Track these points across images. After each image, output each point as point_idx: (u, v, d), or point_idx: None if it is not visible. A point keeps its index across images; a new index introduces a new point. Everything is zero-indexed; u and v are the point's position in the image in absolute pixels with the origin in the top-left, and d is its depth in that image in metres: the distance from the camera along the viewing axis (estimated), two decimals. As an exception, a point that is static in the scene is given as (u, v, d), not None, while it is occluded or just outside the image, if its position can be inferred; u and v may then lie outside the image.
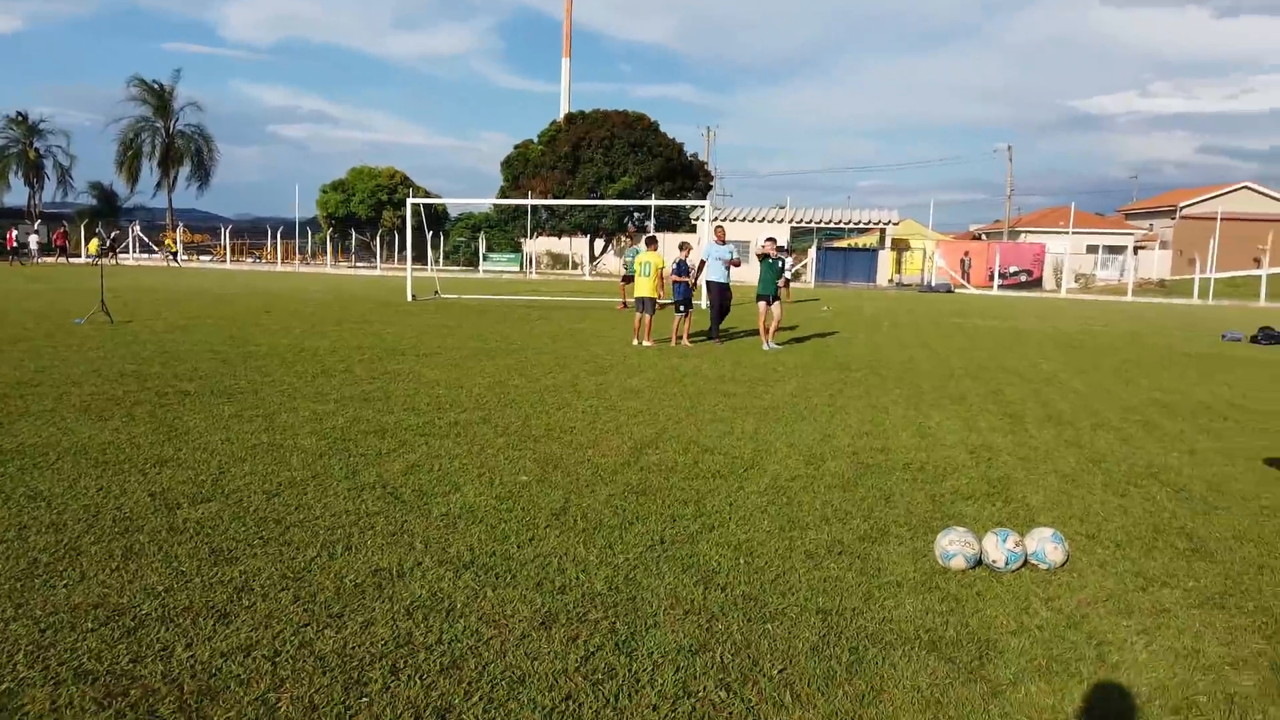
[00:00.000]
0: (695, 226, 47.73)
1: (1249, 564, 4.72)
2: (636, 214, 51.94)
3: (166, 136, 67.65)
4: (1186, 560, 4.74)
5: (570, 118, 55.74)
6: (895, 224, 55.72)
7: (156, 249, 59.11)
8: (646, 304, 14.40)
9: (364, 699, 3.02)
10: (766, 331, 14.49)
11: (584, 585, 4.08)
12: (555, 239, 59.60)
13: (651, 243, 15.27)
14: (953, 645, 3.60)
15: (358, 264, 60.98)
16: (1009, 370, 12.61)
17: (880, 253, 53.14)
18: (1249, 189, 60.51)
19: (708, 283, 15.55)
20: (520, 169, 54.60)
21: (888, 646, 3.56)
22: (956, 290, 46.02)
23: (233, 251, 61.49)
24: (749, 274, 15.45)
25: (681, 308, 14.87)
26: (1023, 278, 50.56)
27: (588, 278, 50.06)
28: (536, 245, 58.30)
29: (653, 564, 4.38)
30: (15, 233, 48.36)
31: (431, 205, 54.20)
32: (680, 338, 14.65)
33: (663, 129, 53.65)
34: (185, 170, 69.23)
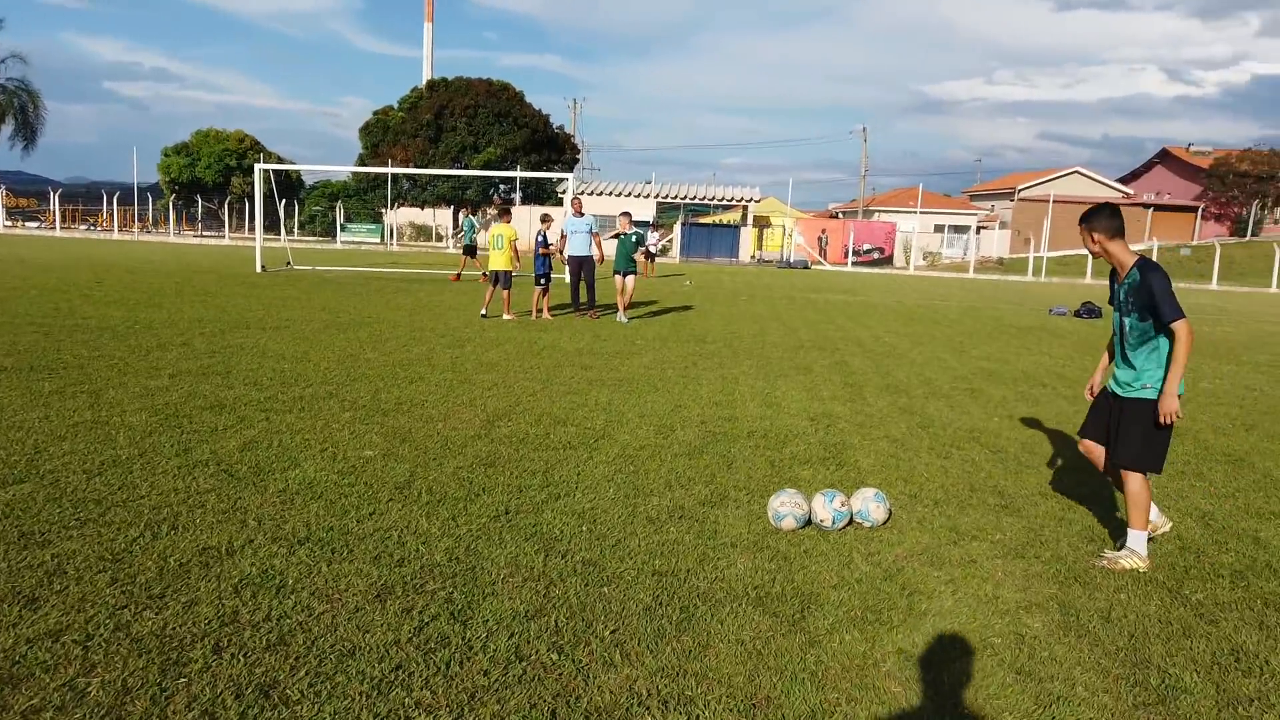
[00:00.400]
0: (562, 200, 47.50)
1: (1050, 517, 5.15)
2: (501, 186, 51.24)
3: (-16, 91, 62.00)
4: (996, 515, 5.12)
5: (432, 84, 54.27)
6: (757, 201, 57.14)
7: (-26, 214, 54.29)
8: (502, 277, 14.27)
9: (182, 679, 2.93)
10: (622, 305, 14.69)
11: (424, 557, 4.06)
12: (418, 210, 58.09)
13: (504, 214, 15.09)
14: (778, 600, 3.79)
15: (205, 233, 57.77)
16: (855, 342, 13.20)
17: (743, 229, 54.35)
18: (1080, 174, 65.12)
19: (569, 257, 15.53)
20: (380, 136, 52.87)
21: (717, 604, 3.72)
22: (814, 266, 47.61)
23: (63, 218, 57.05)
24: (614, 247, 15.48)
25: (541, 281, 14.83)
26: (875, 255, 52.78)
27: (451, 250, 49.08)
28: (398, 216, 56.63)
29: (496, 534, 4.40)
30: None
31: (284, 171, 51.80)
32: (540, 311, 14.62)
33: (529, 100, 53.08)
34: (8, 129, 63.70)
